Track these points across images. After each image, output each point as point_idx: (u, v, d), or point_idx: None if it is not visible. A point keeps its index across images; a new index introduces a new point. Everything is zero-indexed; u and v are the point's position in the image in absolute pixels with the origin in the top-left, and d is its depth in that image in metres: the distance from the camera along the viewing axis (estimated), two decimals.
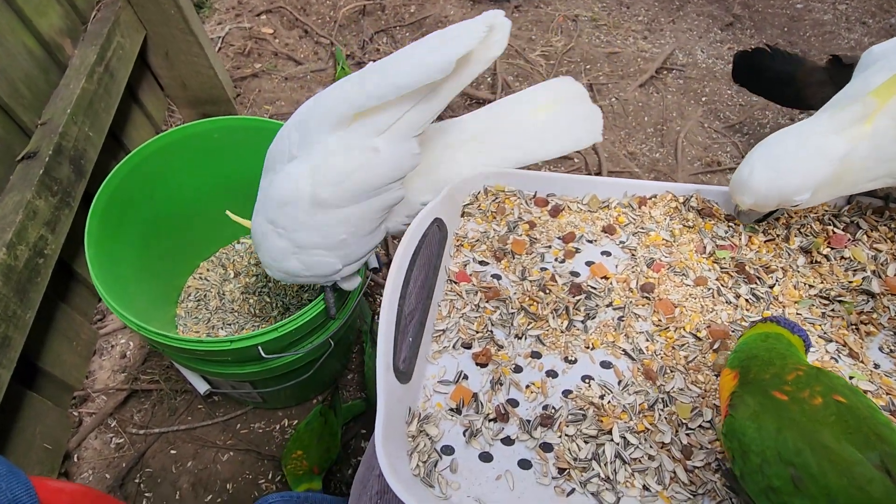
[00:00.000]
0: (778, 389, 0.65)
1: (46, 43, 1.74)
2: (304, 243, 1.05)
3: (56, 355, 1.67)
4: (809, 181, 0.87)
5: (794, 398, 0.64)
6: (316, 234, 1.04)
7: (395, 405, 0.82)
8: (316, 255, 1.08)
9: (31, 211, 1.47)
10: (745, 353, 0.73)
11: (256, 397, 1.68)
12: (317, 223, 1.02)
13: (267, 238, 1.08)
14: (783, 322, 0.75)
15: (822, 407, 0.62)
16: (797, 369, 0.67)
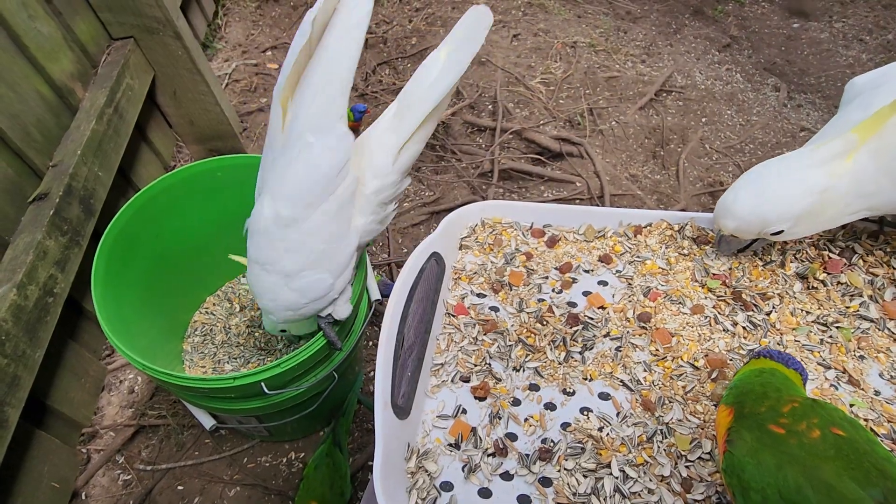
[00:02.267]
0: (774, 423, 0.65)
1: (58, 87, 1.80)
2: (290, 269, 1.07)
3: (64, 393, 1.69)
4: (790, 211, 0.89)
5: (791, 431, 0.63)
6: (296, 256, 1.05)
7: (394, 441, 0.83)
8: (305, 278, 1.09)
9: (42, 251, 1.50)
10: (740, 390, 0.73)
11: (263, 431, 1.68)
12: (292, 244, 1.04)
13: (259, 279, 1.11)
14: (776, 356, 0.74)
15: (820, 440, 0.61)
16: (793, 401, 0.67)
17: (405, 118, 1.00)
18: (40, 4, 1.76)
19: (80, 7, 1.95)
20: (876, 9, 3.47)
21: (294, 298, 1.12)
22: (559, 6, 3.47)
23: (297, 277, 1.09)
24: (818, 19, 3.43)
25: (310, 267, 1.08)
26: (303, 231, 1.02)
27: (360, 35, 0.93)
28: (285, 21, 3.24)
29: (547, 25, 3.32)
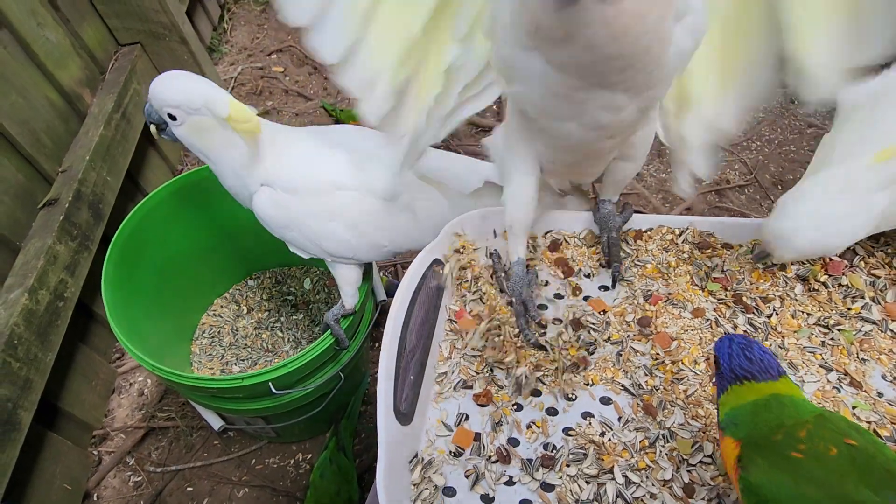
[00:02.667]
0: (793, 450, 0.64)
1: (67, 94, 1.83)
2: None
3: (75, 395, 1.71)
4: (856, 237, 0.88)
5: (810, 454, 0.63)
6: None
7: (397, 447, 0.84)
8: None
9: (52, 256, 1.53)
10: (747, 427, 0.69)
11: (270, 432, 1.70)
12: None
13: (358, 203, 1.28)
14: (754, 370, 0.70)
15: (837, 457, 0.61)
16: (805, 424, 0.65)
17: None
18: (49, 12, 1.79)
19: (87, 14, 1.97)
20: None
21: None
22: None
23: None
24: None
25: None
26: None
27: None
28: None
29: None
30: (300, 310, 1.91)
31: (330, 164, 1.27)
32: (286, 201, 1.23)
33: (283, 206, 1.23)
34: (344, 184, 1.25)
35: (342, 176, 1.25)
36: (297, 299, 1.93)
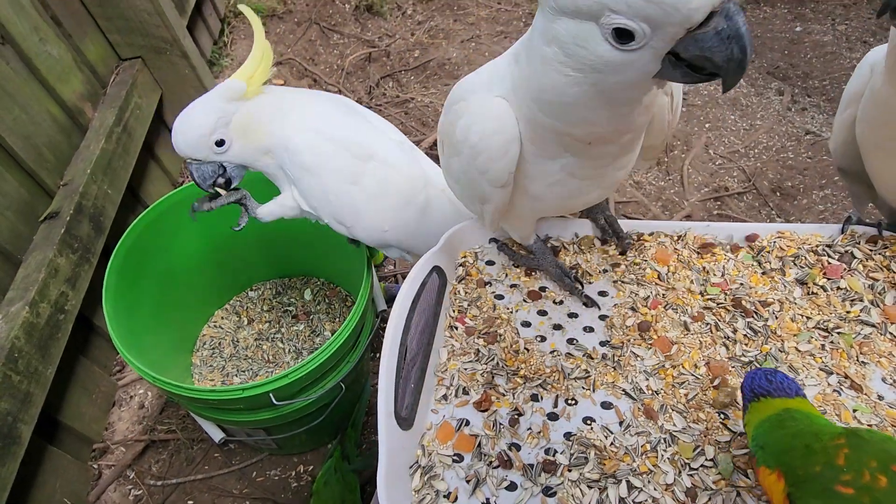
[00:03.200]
0: (839, 482, 0.61)
1: (69, 108, 1.85)
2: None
3: (76, 408, 1.71)
4: None
5: (858, 487, 0.60)
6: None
7: (398, 453, 0.84)
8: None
9: (53, 269, 1.54)
10: (777, 449, 0.69)
11: (271, 443, 1.69)
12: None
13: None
14: (772, 388, 0.72)
15: (889, 486, 0.59)
16: (840, 447, 0.63)
17: None
18: (51, 28, 1.81)
19: (89, 29, 2.00)
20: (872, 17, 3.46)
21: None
22: None
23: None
24: (821, 22, 3.43)
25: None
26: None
27: None
28: (290, 37, 3.29)
29: None
30: (301, 321, 1.91)
31: (371, 131, 1.31)
32: (322, 146, 1.22)
33: (318, 149, 1.22)
34: (377, 156, 1.27)
35: (380, 147, 1.29)
36: (298, 310, 1.93)
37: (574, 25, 0.66)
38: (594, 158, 0.87)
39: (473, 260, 1.13)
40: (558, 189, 0.92)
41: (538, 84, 0.76)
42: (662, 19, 0.60)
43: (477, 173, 0.91)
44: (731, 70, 0.63)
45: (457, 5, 3.52)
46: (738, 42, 0.61)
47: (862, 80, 0.96)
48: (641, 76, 0.68)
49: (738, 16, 0.60)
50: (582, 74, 0.70)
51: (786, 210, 2.45)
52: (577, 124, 0.79)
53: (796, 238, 1.06)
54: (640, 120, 0.81)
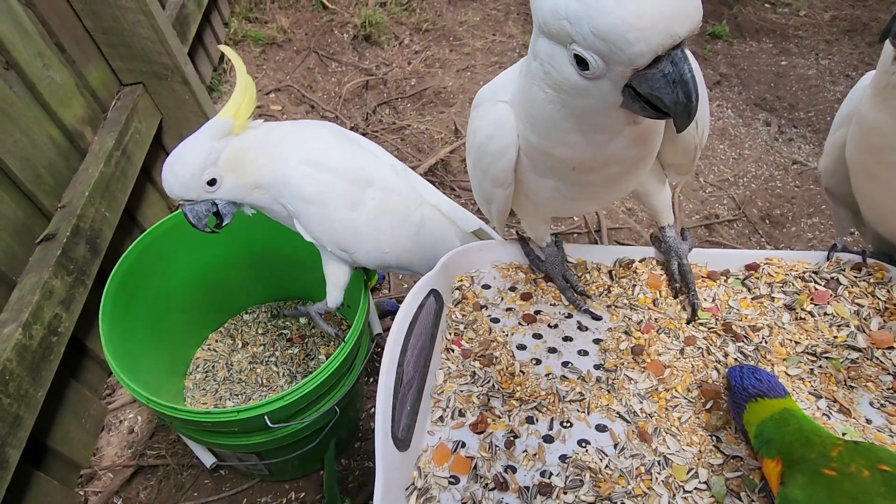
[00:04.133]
0: (826, 467, 0.68)
1: (69, 132, 1.87)
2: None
3: (64, 433, 1.69)
4: None
5: (842, 473, 0.67)
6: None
7: (394, 474, 0.84)
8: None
9: (48, 291, 1.53)
10: (779, 442, 0.76)
11: (263, 469, 1.67)
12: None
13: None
14: (763, 388, 0.78)
15: (870, 479, 0.65)
16: (836, 445, 0.71)
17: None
18: (55, 54, 1.84)
19: (92, 55, 2.04)
20: (860, 46, 3.59)
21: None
22: None
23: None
24: (804, 56, 3.55)
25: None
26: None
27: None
28: (288, 65, 3.36)
29: None
30: (295, 344, 1.91)
31: (368, 158, 1.33)
32: (321, 177, 1.24)
33: (317, 181, 1.24)
34: (374, 181, 1.30)
35: (379, 173, 1.32)
36: (293, 333, 1.93)
37: (549, 46, 0.71)
38: (579, 186, 0.91)
39: (470, 283, 1.14)
40: (552, 203, 0.99)
41: (525, 97, 0.82)
42: (610, 57, 0.65)
43: (481, 172, 0.99)
44: (679, 112, 0.67)
45: (452, 36, 3.62)
46: (684, 87, 0.65)
47: (855, 102, 1.00)
48: (604, 103, 0.72)
49: (683, 63, 0.64)
50: (555, 93, 0.75)
51: (775, 237, 2.50)
52: (555, 145, 0.83)
53: (784, 265, 1.09)
54: (627, 153, 0.83)
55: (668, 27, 0.62)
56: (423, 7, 3.77)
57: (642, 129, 0.80)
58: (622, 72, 0.67)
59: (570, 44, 0.67)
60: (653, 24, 0.61)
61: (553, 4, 0.66)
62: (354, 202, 1.28)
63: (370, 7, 3.62)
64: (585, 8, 0.63)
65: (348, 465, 1.81)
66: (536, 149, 0.86)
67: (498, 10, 3.89)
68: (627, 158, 0.85)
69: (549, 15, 0.67)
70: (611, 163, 0.85)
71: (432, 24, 3.63)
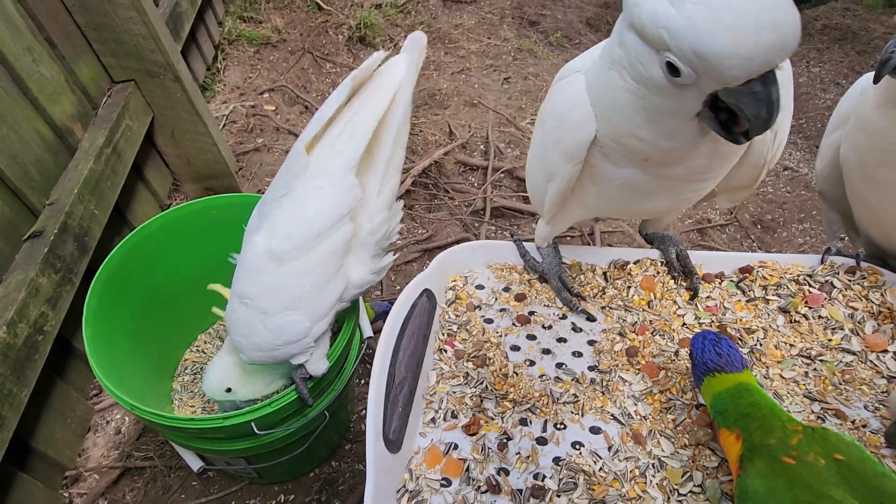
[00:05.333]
0: (785, 454, 0.71)
1: (58, 128, 1.84)
2: (270, 307, 1.08)
3: (49, 433, 1.65)
4: None
5: (800, 461, 0.69)
6: (279, 293, 1.07)
7: (385, 476, 0.82)
8: (283, 317, 1.09)
9: (34, 289, 1.50)
10: (734, 413, 0.77)
11: (252, 473, 1.65)
12: (278, 281, 1.06)
13: (235, 312, 1.13)
14: (722, 360, 0.80)
15: (825, 467, 0.68)
16: (797, 432, 0.73)
17: (374, 158, 1.06)
18: (45, 49, 1.82)
19: (83, 51, 2.01)
20: (850, 55, 3.63)
21: (267, 339, 1.12)
22: (548, 52, 3.61)
23: (275, 316, 1.09)
24: (795, 64, 3.58)
25: (289, 308, 1.08)
26: (292, 269, 1.05)
27: (386, 98, 1.00)
28: (283, 65, 3.34)
29: (536, 69, 3.44)
30: None
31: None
32: (255, 328, 1.14)
33: (252, 327, 1.14)
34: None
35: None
36: None
37: (639, 44, 0.72)
38: (658, 177, 0.90)
39: (463, 284, 1.13)
40: (622, 193, 0.95)
41: (602, 82, 0.82)
42: (705, 73, 0.68)
43: (552, 144, 0.95)
44: (757, 126, 0.71)
45: (448, 39, 3.62)
46: (768, 107, 0.69)
47: (851, 103, 1.01)
48: (682, 108, 0.74)
49: (772, 84, 0.68)
50: (635, 84, 0.76)
51: (766, 242, 2.51)
52: (625, 135, 0.83)
53: (778, 267, 1.09)
54: (697, 163, 0.84)
55: (767, 57, 0.65)
56: (418, 10, 3.77)
57: (719, 145, 0.81)
58: (714, 86, 0.70)
59: (665, 51, 0.69)
60: (754, 55, 0.64)
61: (652, 11, 0.68)
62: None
63: (365, 9, 3.61)
64: (691, 26, 0.65)
65: (338, 468, 1.79)
66: (608, 136, 0.86)
67: (493, 14, 3.90)
68: (698, 168, 0.86)
69: (647, 19, 0.69)
70: (676, 163, 0.85)
71: (427, 26, 3.63)
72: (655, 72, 0.71)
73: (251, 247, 1.08)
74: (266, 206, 1.08)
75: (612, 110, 0.82)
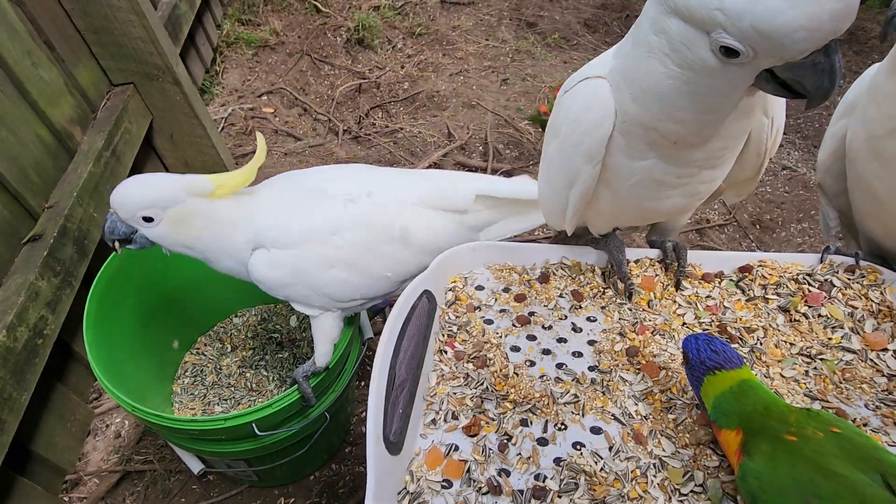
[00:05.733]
0: (787, 432, 0.72)
1: (58, 131, 1.84)
2: (365, 266, 1.27)
3: (49, 437, 1.65)
4: None
5: (801, 436, 0.70)
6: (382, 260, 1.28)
7: (386, 478, 0.82)
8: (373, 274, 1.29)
9: (34, 292, 1.50)
10: (737, 413, 0.77)
11: (252, 475, 1.65)
12: (403, 255, 1.30)
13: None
14: (716, 359, 0.80)
15: (825, 440, 0.69)
16: (791, 411, 0.74)
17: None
18: (44, 52, 1.82)
19: (82, 55, 2.01)
20: (847, 54, 3.63)
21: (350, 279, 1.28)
22: (546, 52, 3.61)
23: (362, 272, 1.30)
24: None
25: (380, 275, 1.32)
26: (415, 250, 1.33)
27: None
28: (281, 67, 3.35)
29: (535, 70, 3.44)
30: (285, 348, 1.89)
31: (318, 210, 1.24)
32: (283, 259, 1.20)
33: (280, 264, 1.21)
34: (336, 227, 1.23)
35: (333, 220, 1.23)
36: (283, 337, 1.91)
37: (684, 27, 0.72)
38: (679, 164, 0.90)
39: (463, 285, 1.13)
40: (638, 190, 0.96)
41: (638, 70, 0.81)
42: (769, 51, 0.67)
43: (571, 148, 0.95)
44: (819, 96, 0.70)
45: (446, 41, 3.62)
46: (831, 76, 0.68)
47: (860, 91, 1.00)
48: (734, 86, 0.74)
49: (836, 54, 0.67)
50: (680, 70, 0.75)
51: (765, 242, 2.51)
52: (664, 119, 0.83)
53: (777, 266, 1.09)
54: (733, 128, 0.84)
55: (834, 26, 0.64)
56: (416, 11, 3.77)
57: (746, 104, 0.80)
58: (775, 61, 0.68)
59: (716, 33, 0.67)
60: (821, 25, 0.63)
61: None
62: (329, 260, 1.22)
63: (363, 11, 3.62)
64: (751, 3, 0.64)
65: (339, 471, 1.79)
66: (638, 123, 0.86)
67: (491, 16, 3.90)
68: (732, 134, 0.86)
69: (695, 2, 0.67)
70: (714, 136, 0.85)
71: (425, 28, 3.63)
72: (705, 54, 0.70)
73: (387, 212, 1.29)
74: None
75: (651, 96, 0.81)
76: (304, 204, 1.25)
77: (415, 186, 1.34)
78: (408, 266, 1.31)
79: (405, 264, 1.31)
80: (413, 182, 1.36)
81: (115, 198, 1.14)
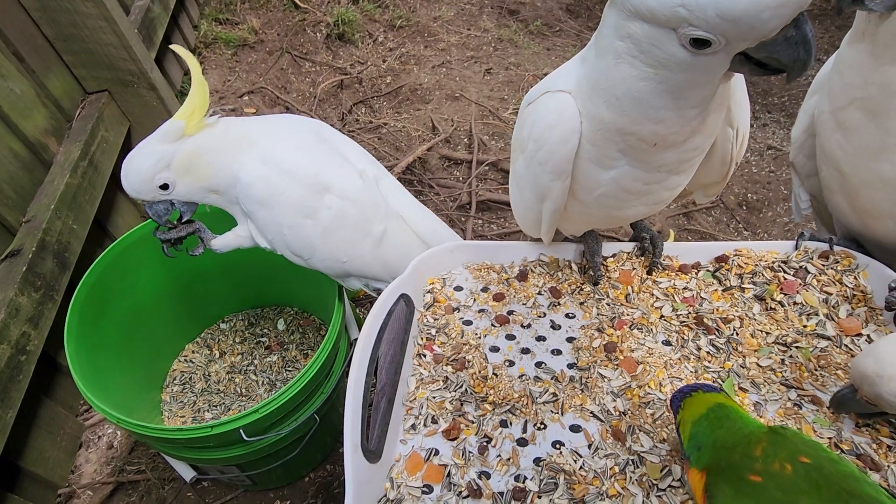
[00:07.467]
0: (751, 471, 0.67)
1: (31, 144, 1.82)
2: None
3: (39, 453, 1.65)
4: None
5: (767, 475, 0.65)
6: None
7: (365, 486, 0.82)
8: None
9: (14, 309, 1.49)
10: (709, 445, 0.73)
11: (246, 480, 1.65)
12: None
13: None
14: (703, 386, 0.77)
15: (793, 475, 0.64)
16: (760, 441, 0.69)
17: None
18: (13, 64, 1.79)
19: (53, 64, 1.98)
20: (830, 30, 3.62)
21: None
22: (529, 41, 3.58)
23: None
24: None
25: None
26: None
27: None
28: (261, 66, 3.31)
29: (518, 59, 3.42)
30: (274, 352, 1.88)
31: (334, 164, 1.27)
32: (275, 178, 1.20)
33: (270, 182, 1.20)
34: (333, 188, 1.25)
35: (339, 179, 1.26)
36: (271, 341, 1.91)
37: (648, 28, 0.71)
38: (650, 169, 0.90)
39: (441, 286, 1.13)
40: (605, 200, 0.96)
41: (608, 78, 0.80)
42: (739, 36, 0.67)
43: (538, 165, 0.95)
44: (797, 69, 0.70)
45: (427, 32, 3.59)
46: (805, 47, 0.68)
47: (832, 65, 0.99)
48: (710, 75, 0.74)
49: (806, 24, 0.67)
50: (653, 70, 0.75)
51: (752, 223, 2.52)
52: (643, 122, 0.82)
53: (753, 255, 1.09)
54: (711, 119, 0.84)
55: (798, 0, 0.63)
56: (396, 3, 3.73)
57: (722, 92, 0.80)
58: (747, 44, 0.68)
59: (683, 28, 0.67)
60: (786, 1, 0.63)
61: None
62: (309, 210, 1.23)
63: (342, 5, 3.57)
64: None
65: (333, 471, 1.80)
66: (615, 130, 0.85)
67: (472, 5, 3.86)
68: (708, 128, 0.86)
69: (654, 3, 0.67)
70: (693, 133, 0.84)
71: (406, 20, 3.59)
72: (676, 50, 0.70)
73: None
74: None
75: (627, 102, 0.80)
76: (319, 151, 1.28)
77: (413, 207, 1.42)
78: (364, 263, 1.34)
79: (364, 262, 1.33)
80: (413, 203, 1.45)
81: (128, 187, 1.16)
